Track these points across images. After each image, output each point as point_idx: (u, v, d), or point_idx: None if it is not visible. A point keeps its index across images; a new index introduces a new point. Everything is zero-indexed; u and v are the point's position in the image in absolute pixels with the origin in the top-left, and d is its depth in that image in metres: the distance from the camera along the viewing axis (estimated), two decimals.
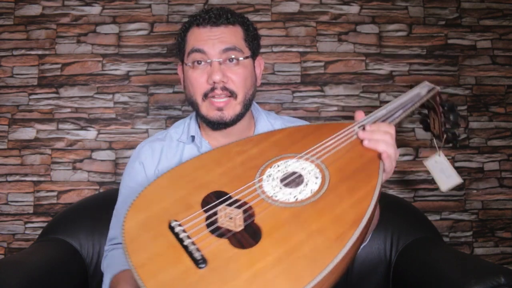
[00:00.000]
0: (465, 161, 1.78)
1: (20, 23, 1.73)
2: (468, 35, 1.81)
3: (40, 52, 1.72)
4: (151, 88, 1.74)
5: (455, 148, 1.45)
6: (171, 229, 0.69)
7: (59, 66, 1.72)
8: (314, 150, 0.82)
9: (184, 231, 0.68)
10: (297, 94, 1.76)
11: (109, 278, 0.98)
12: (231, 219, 0.69)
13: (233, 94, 0.99)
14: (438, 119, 1.04)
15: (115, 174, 1.70)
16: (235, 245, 0.66)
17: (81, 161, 1.70)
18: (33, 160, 1.68)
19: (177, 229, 0.68)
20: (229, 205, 0.72)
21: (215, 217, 0.71)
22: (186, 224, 0.70)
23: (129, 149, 1.71)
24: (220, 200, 0.74)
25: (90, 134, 1.71)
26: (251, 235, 0.67)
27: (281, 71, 1.76)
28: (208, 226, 0.70)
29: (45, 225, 1.49)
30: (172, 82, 1.73)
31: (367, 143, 0.82)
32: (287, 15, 1.78)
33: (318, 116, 1.75)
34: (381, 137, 0.82)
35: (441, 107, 1.03)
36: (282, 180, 0.77)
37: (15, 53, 1.72)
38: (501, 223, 1.77)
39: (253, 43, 1.05)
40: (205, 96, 0.99)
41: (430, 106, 1.06)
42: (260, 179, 0.78)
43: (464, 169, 1.77)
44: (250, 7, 1.76)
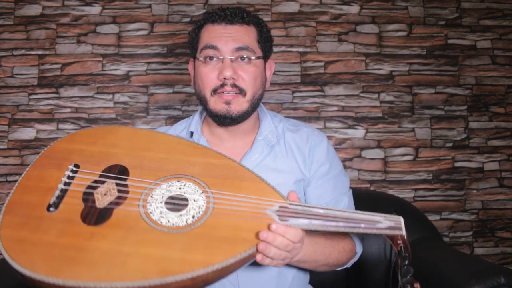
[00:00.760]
0: (465, 161, 1.78)
1: (20, 23, 1.73)
2: (468, 35, 1.81)
3: (40, 52, 1.72)
4: (151, 88, 1.74)
5: None
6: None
7: (59, 66, 1.72)
8: (219, 194, 0.79)
9: (71, 177, 0.77)
10: (297, 94, 1.76)
11: None
12: (104, 195, 0.75)
13: (242, 91, 0.99)
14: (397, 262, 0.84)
15: None
16: (81, 214, 0.72)
17: None
18: (33, 160, 1.67)
19: (67, 172, 0.77)
20: (117, 185, 0.77)
21: (99, 185, 0.77)
22: (80, 174, 0.78)
23: None
24: (117, 176, 0.79)
25: None
26: (98, 217, 0.72)
27: (281, 71, 1.76)
28: (88, 187, 0.77)
29: None
30: (172, 82, 1.73)
31: (259, 259, 0.73)
32: (287, 15, 1.78)
33: (318, 116, 1.75)
34: (274, 252, 0.74)
35: (399, 256, 0.83)
36: (169, 198, 0.78)
37: (15, 53, 1.72)
38: (501, 223, 1.77)
39: (266, 45, 1.04)
40: (214, 91, 0.99)
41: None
42: (157, 184, 0.79)
43: (464, 169, 1.77)
44: (250, 7, 1.76)
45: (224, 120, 1.00)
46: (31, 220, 0.71)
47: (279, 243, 0.73)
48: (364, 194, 1.55)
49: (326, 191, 1.02)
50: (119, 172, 0.80)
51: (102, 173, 0.79)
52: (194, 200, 0.77)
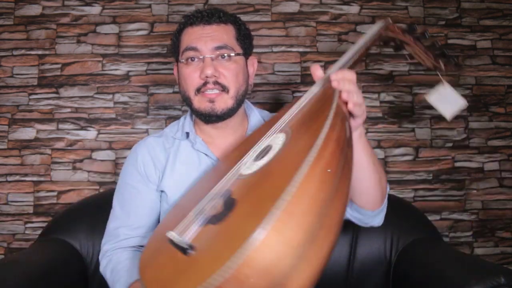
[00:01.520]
0: (465, 161, 1.78)
1: (20, 23, 1.73)
2: (468, 35, 1.81)
3: (40, 52, 1.72)
4: (151, 88, 1.74)
5: (458, 66, 1.13)
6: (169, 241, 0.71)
7: (59, 66, 1.72)
8: (282, 121, 0.83)
9: (177, 235, 0.70)
10: (297, 94, 1.76)
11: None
12: (214, 206, 0.73)
13: (225, 88, 1.02)
14: (418, 50, 0.94)
15: (115, 174, 1.70)
16: (215, 223, 0.68)
17: (81, 161, 1.70)
18: (33, 160, 1.68)
19: (170, 235, 0.70)
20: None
21: (203, 210, 0.74)
22: (179, 229, 0.72)
23: (129, 149, 1.69)
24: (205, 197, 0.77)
25: (90, 134, 1.71)
26: (227, 208, 0.69)
27: (281, 71, 1.76)
28: (197, 221, 0.72)
29: (45, 225, 1.49)
30: (172, 82, 1.73)
31: (351, 106, 0.79)
32: (287, 15, 1.78)
33: None
34: (346, 86, 0.80)
35: (407, 35, 0.92)
36: (256, 157, 0.79)
37: (15, 53, 1.72)
38: (501, 223, 1.77)
39: (245, 42, 1.08)
40: (198, 90, 1.02)
41: (398, 42, 0.94)
42: (238, 168, 0.80)
43: (464, 169, 1.77)
44: (250, 7, 1.76)
45: (209, 118, 1.04)
46: None
47: (349, 75, 0.82)
48: None
49: None
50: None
51: (196, 210, 0.78)
52: (274, 139, 0.80)
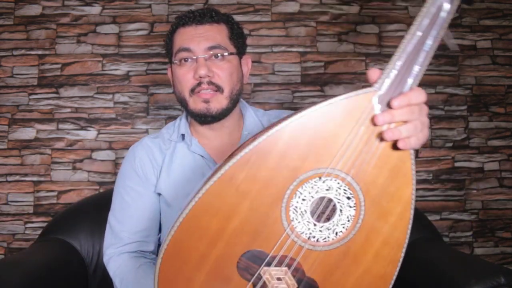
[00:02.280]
0: (465, 161, 1.78)
1: (20, 23, 1.73)
2: (468, 35, 1.81)
3: (40, 52, 1.72)
4: (151, 88, 1.74)
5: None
6: None
7: (59, 66, 1.72)
8: (332, 159, 0.61)
9: None
10: (297, 94, 1.76)
11: None
12: (280, 280, 0.62)
13: (219, 88, 1.01)
14: None
15: (115, 174, 1.70)
16: None
17: (81, 161, 1.70)
18: (33, 160, 1.68)
19: None
20: (267, 265, 0.62)
21: (261, 283, 0.63)
22: None
23: (129, 149, 1.71)
24: (258, 264, 0.63)
25: (90, 134, 1.71)
26: None
27: (281, 71, 1.76)
28: None
29: (45, 225, 1.49)
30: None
31: (401, 145, 0.60)
32: (287, 15, 1.78)
33: None
34: (412, 129, 0.61)
35: None
36: (312, 213, 0.64)
37: (15, 53, 1.72)
38: (501, 223, 1.77)
39: (238, 41, 1.07)
40: (192, 91, 1.02)
41: None
42: (288, 219, 0.63)
43: (464, 169, 1.77)
44: (250, 7, 1.76)
45: (205, 118, 1.03)
46: None
47: (400, 114, 0.60)
48: None
49: None
50: (251, 260, 0.65)
51: (251, 280, 0.65)
52: (328, 189, 0.63)
